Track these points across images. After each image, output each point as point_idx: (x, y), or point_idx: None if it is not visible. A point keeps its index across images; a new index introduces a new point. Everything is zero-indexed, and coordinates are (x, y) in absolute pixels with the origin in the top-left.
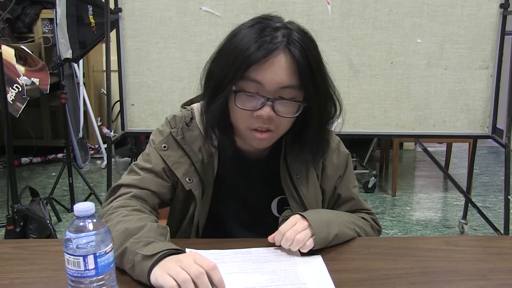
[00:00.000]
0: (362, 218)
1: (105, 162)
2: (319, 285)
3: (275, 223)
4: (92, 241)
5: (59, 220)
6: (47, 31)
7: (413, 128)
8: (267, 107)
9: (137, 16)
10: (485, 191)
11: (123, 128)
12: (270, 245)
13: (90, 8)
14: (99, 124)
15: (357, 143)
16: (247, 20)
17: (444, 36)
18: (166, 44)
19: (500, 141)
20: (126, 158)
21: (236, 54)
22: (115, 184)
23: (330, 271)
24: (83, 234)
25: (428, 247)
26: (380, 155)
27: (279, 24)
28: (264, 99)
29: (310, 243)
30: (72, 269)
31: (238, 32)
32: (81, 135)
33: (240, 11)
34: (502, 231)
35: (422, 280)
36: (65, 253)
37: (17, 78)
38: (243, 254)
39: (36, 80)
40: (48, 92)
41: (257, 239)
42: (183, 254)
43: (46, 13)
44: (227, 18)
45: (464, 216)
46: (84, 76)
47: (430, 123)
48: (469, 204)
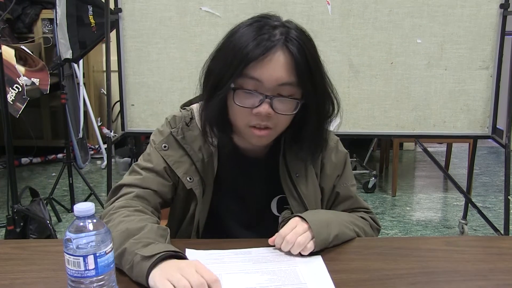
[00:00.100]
0: (361, 217)
1: (105, 162)
2: (319, 285)
3: (275, 222)
4: (92, 241)
5: (59, 220)
6: (47, 31)
7: (413, 128)
8: (265, 104)
9: (137, 17)
10: (485, 191)
11: (123, 129)
12: (270, 245)
13: (90, 8)
14: (99, 124)
15: (357, 143)
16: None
17: (444, 37)
18: (166, 44)
19: (500, 141)
20: (126, 159)
21: (234, 52)
22: (117, 184)
23: (330, 272)
24: (83, 234)
25: (428, 247)
26: (380, 155)
27: (277, 22)
28: (262, 96)
29: (311, 245)
30: (72, 269)
31: (236, 30)
32: (81, 135)
33: (240, 11)
34: (502, 232)
35: (422, 280)
36: (65, 253)
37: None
38: (243, 254)
39: (36, 80)
40: (48, 92)
41: (257, 239)
42: (185, 261)
43: (46, 13)
44: (227, 18)
45: (464, 216)
46: (84, 76)
47: (430, 123)
48: (469, 205)
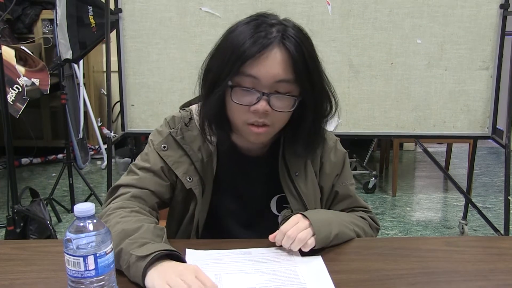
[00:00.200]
0: (360, 217)
1: (105, 162)
2: (319, 285)
3: (274, 222)
4: (92, 242)
5: (59, 220)
6: (47, 31)
7: (413, 129)
8: (263, 101)
9: (137, 17)
10: (485, 191)
11: (123, 129)
12: (270, 245)
13: (90, 8)
14: (99, 124)
15: (357, 143)
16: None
17: (444, 37)
18: (166, 44)
19: (500, 141)
20: (126, 159)
21: (232, 50)
22: (114, 184)
23: (330, 272)
24: (83, 235)
25: (428, 247)
26: (380, 155)
27: (274, 21)
28: (259, 93)
29: (312, 242)
30: (72, 270)
31: (234, 29)
32: (81, 135)
33: (240, 11)
34: (502, 232)
35: (423, 280)
36: (65, 254)
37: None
38: (243, 255)
39: (36, 81)
40: (48, 92)
41: (257, 239)
42: (184, 265)
43: (46, 14)
44: (227, 18)
45: (464, 217)
46: (84, 77)
47: (430, 123)
48: (469, 205)
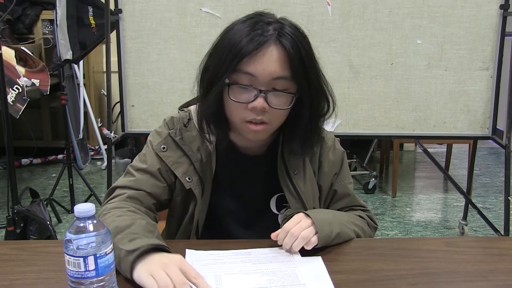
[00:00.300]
0: (359, 216)
1: (105, 163)
2: (319, 286)
3: (274, 221)
4: (92, 242)
5: (59, 221)
6: (47, 32)
7: (413, 129)
8: (260, 98)
9: (137, 17)
10: (485, 192)
11: (123, 129)
12: (270, 246)
13: (90, 9)
14: (99, 125)
15: (357, 144)
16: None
17: (444, 37)
18: (166, 45)
19: (500, 142)
20: (126, 159)
21: (229, 48)
22: (111, 186)
23: (330, 272)
24: (83, 235)
25: (428, 248)
26: (380, 156)
27: (271, 19)
28: (257, 91)
29: (315, 240)
30: (73, 270)
31: (231, 28)
32: (81, 136)
33: (240, 12)
34: (502, 232)
35: (423, 281)
36: (65, 254)
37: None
38: (243, 255)
39: (36, 81)
40: (48, 93)
41: (258, 240)
42: (169, 256)
43: (46, 14)
44: (227, 19)
45: (464, 217)
46: (84, 77)
47: (430, 124)
48: (469, 205)
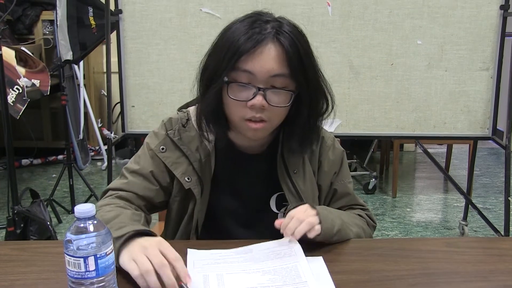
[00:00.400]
0: (358, 215)
1: (106, 163)
2: (320, 286)
3: (274, 220)
4: (92, 243)
5: (60, 221)
6: (47, 32)
7: (413, 130)
8: (259, 96)
9: (137, 18)
10: (485, 192)
11: (123, 130)
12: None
13: (91, 9)
14: (100, 125)
15: (358, 144)
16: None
17: (444, 38)
18: (167, 45)
19: (501, 142)
20: (126, 160)
21: (227, 47)
22: (105, 188)
23: (331, 273)
24: (83, 236)
25: (428, 248)
26: (380, 156)
27: (269, 18)
28: (255, 88)
29: (318, 228)
30: (73, 271)
31: (230, 27)
32: (81, 136)
33: (240, 12)
34: (503, 233)
35: (423, 281)
36: (65, 255)
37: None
38: (245, 254)
39: (37, 82)
40: (48, 93)
41: (258, 240)
42: (150, 239)
43: (46, 15)
44: (227, 19)
45: (465, 218)
46: (84, 78)
47: (431, 124)
48: (470, 206)
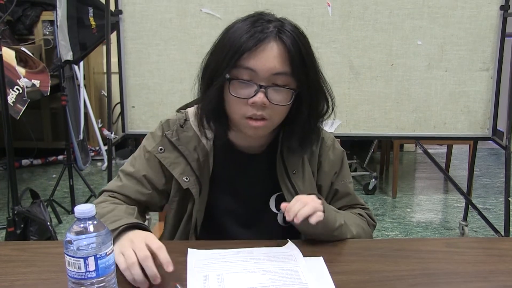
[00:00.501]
0: (359, 214)
1: (106, 164)
2: (320, 286)
3: (273, 220)
4: (92, 243)
5: (60, 222)
6: (47, 33)
7: (413, 130)
8: (260, 93)
9: (137, 18)
10: (485, 193)
11: (123, 130)
12: (271, 246)
13: (91, 10)
14: (100, 126)
15: (358, 145)
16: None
17: (444, 38)
18: (167, 46)
19: (501, 143)
20: (126, 160)
21: (229, 45)
22: (101, 190)
23: (331, 273)
24: (83, 236)
25: (428, 248)
26: (380, 157)
27: (271, 18)
28: (257, 86)
29: (321, 214)
30: (73, 271)
31: (232, 26)
32: (81, 137)
33: (240, 13)
34: (503, 233)
35: (423, 281)
36: (65, 255)
37: (18, 80)
38: (245, 254)
39: (37, 82)
40: (48, 94)
41: (258, 241)
42: (137, 232)
43: (46, 15)
44: (227, 20)
45: (465, 218)
46: (84, 78)
47: (431, 125)
48: (470, 206)
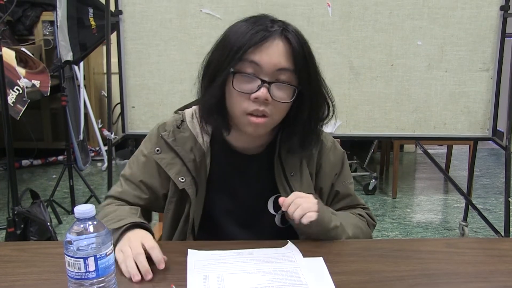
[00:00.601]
0: (359, 214)
1: (106, 164)
2: (320, 286)
3: (271, 221)
4: (92, 243)
5: (60, 222)
6: (47, 33)
7: (413, 130)
8: (263, 88)
9: (137, 19)
10: (485, 193)
11: (123, 130)
12: (271, 246)
13: (91, 10)
14: (100, 126)
15: (358, 145)
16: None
17: (444, 39)
18: (167, 46)
19: (501, 143)
20: (126, 160)
21: (234, 41)
22: (106, 195)
23: (331, 273)
24: (83, 236)
25: (428, 249)
26: (380, 157)
27: (274, 19)
28: (260, 81)
29: (312, 215)
30: (73, 271)
31: (235, 25)
32: (81, 137)
33: (240, 13)
34: (503, 233)
35: (423, 282)
36: (65, 255)
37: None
38: (245, 255)
39: (37, 82)
40: (48, 94)
41: (258, 241)
42: (138, 232)
43: (46, 16)
44: (227, 20)
45: (465, 218)
46: (84, 78)
47: (431, 125)
48: (470, 206)
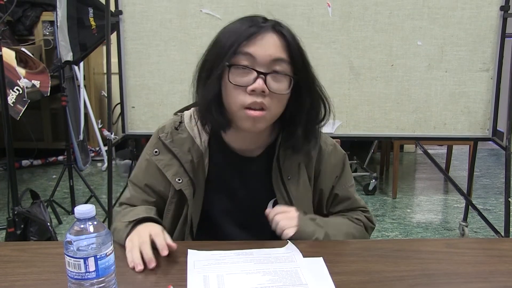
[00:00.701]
0: (356, 219)
1: (106, 164)
2: (320, 287)
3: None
4: (92, 243)
5: (60, 222)
6: (47, 33)
7: (413, 131)
8: (259, 80)
9: (137, 19)
10: (485, 193)
11: (123, 131)
12: (271, 246)
13: (91, 10)
14: (100, 126)
15: (358, 145)
16: None
17: (444, 39)
18: (167, 46)
19: (501, 143)
20: (126, 161)
21: (228, 37)
22: (119, 201)
23: (331, 273)
24: (83, 237)
25: (428, 249)
26: (380, 157)
27: (266, 18)
28: (256, 72)
29: (288, 232)
30: (73, 272)
31: (227, 26)
32: (81, 137)
33: (240, 13)
34: (503, 234)
35: (423, 282)
36: (65, 256)
37: (18, 81)
38: (245, 255)
39: (37, 83)
40: (48, 94)
41: (258, 241)
42: (147, 225)
43: (46, 16)
44: (227, 20)
45: (465, 219)
46: (84, 79)
47: (431, 125)
48: (470, 207)
